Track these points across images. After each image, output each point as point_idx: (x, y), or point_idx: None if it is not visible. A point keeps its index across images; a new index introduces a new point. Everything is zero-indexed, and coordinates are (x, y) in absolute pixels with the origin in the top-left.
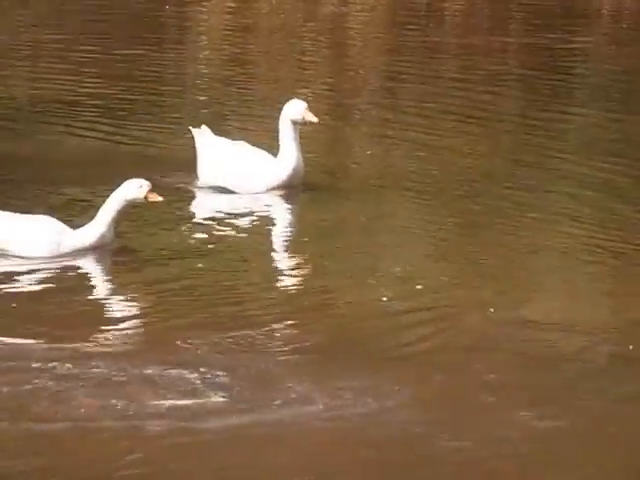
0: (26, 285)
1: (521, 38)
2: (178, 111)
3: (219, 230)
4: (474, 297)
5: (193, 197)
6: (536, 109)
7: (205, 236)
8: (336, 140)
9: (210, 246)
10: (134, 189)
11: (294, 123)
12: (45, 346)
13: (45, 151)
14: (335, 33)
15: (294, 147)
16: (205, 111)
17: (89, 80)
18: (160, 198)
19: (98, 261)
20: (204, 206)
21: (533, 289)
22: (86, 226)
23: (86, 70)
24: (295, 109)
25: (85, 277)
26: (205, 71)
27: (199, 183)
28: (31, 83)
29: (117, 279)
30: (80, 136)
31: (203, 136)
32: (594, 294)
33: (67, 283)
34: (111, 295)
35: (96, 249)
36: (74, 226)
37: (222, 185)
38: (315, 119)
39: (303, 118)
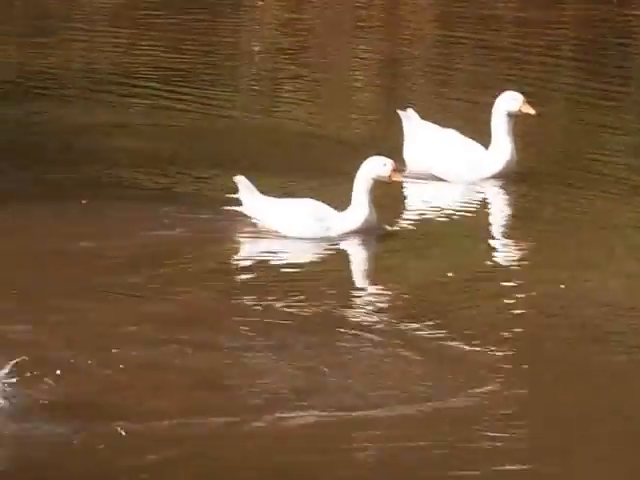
0: (286, 264)
1: (577, 10)
2: (235, 80)
3: (440, 218)
4: (547, 273)
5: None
6: (593, 81)
7: (435, 224)
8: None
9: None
10: (378, 167)
11: (509, 115)
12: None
13: (100, 121)
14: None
15: (508, 139)
16: (261, 80)
17: (145, 46)
18: (403, 179)
19: (357, 245)
20: (417, 193)
21: (607, 267)
22: (348, 209)
23: (141, 36)
24: (511, 101)
25: (336, 260)
26: (261, 39)
27: (407, 169)
28: (87, 50)
29: (370, 264)
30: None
31: (410, 120)
32: None
33: (322, 264)
34: (359, 277)
35: (362, 232)
36: None
37: (432, 172)
38: (533, 111)
39: (520, 110)
